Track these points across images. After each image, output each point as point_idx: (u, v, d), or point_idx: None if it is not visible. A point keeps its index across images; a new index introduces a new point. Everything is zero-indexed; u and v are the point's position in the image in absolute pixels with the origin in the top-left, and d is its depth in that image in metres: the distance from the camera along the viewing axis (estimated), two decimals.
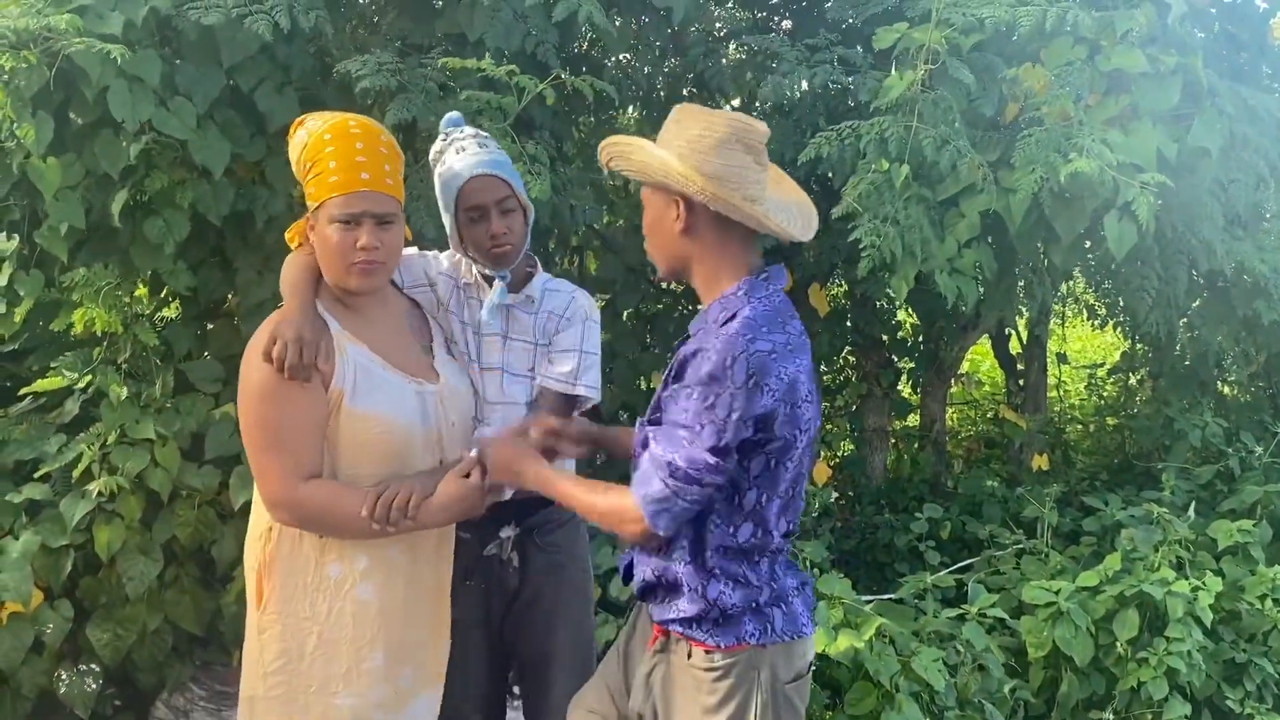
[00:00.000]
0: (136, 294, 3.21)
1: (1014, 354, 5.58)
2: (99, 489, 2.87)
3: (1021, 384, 5.46)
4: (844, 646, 2.89)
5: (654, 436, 1.79)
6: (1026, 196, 3.08)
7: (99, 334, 3.04)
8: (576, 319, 2.22)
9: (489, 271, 2.19)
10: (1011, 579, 3.73)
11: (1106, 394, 6.35)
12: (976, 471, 5.09)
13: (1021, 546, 4.00)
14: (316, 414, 1.99)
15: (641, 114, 4.74)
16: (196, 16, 2.81)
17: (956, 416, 6.44)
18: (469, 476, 2.02)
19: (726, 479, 1.76)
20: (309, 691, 2.03)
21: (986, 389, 6.81)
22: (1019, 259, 3.76)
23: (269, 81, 3.00)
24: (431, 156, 2.22)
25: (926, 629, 3.22)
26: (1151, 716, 3.29)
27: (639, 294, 4.55)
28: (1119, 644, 3.35)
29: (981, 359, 7.08)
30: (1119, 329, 5.67)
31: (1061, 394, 6.54)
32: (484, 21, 3.16)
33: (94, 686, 2.94)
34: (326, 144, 1.98)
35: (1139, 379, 6.01)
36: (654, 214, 1.88)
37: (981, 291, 3.37)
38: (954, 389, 5.92)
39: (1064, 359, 6.20)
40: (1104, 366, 6.41)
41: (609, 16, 3.24)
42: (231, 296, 3.33)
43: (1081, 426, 6.33)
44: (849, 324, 4.88)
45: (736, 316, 1.77)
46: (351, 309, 2.08)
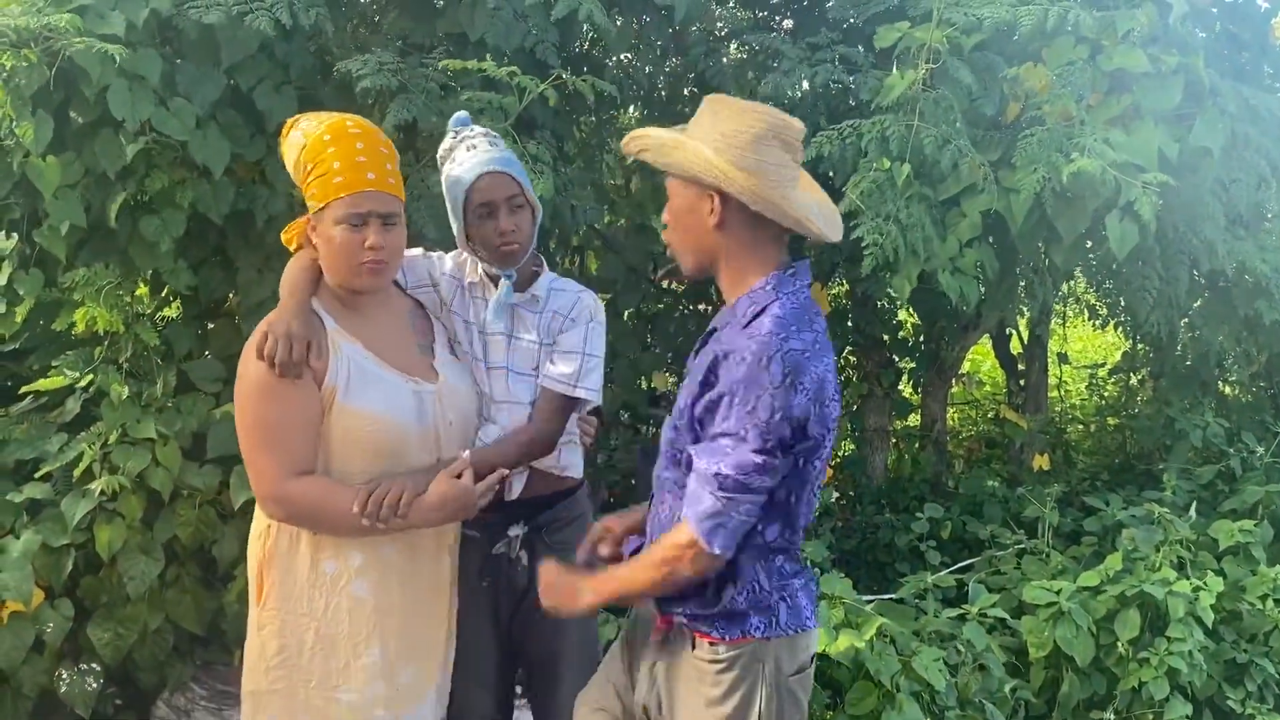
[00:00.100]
0: (137, 293, 3.21)
1: (1015, 354, 5.57)
2: (100, 488, 2.87)
3: (1022, 384, 5.45)
4: (845, 646, 2.88)
5: (696, 453, 1.75)
6: (1028, 196, 3.07)
7: (100, 333, 3.04)
8: (581, 320, 2.21)
9: (495, 270, 2.19)
10: (1012, 579, 3.73)
11: (1107, 394, 6.35)
12: (977, 471, 5.09)
13: (1022, 546, 4.00)
14: (310, 411, 1.99)
15: (643, 113, 4.73)
16: (197, 15, 2.80)
17: (957, 416, 6.43)
18: (460, 477, 2.01)
19: (777, 477, 1.72)
20: (309, 686, 2.05)
21: (987, 389, 6.81)
22: (1020, 259, 3.76)
23: (269, 81, 3.00)
24: (440, 154, 2.21)
25: (927, 629, 3.22)
26: (1152, 716, 3.28)
27: (640, 294, 4.55)
28: (1120, 644, 3.35)
29: (982, 359, 7.08)
30: (1120, 329, 5.67)
31: (1062, 394, 6.53)
32: (485, 21, 3.16)
33: (95, 686, 2.94)
34: (327, 145, 1.97)
35: (1140, 379, 6.00)
36: (682, 206, 1.83)
37: (983, 291, 3.37)
38: (955, 389, 5.93)
39: (1065, 359, 6.19)
40: (1105, 366, 6.40)
41: (610, 16, 3.23)
42: (232, 296, 3.33)
43: (1082, 426, 6.32)
44: (850, 323, 4.88)
45: (766, 312, 1.73)
46: (350, 307, 2.08)
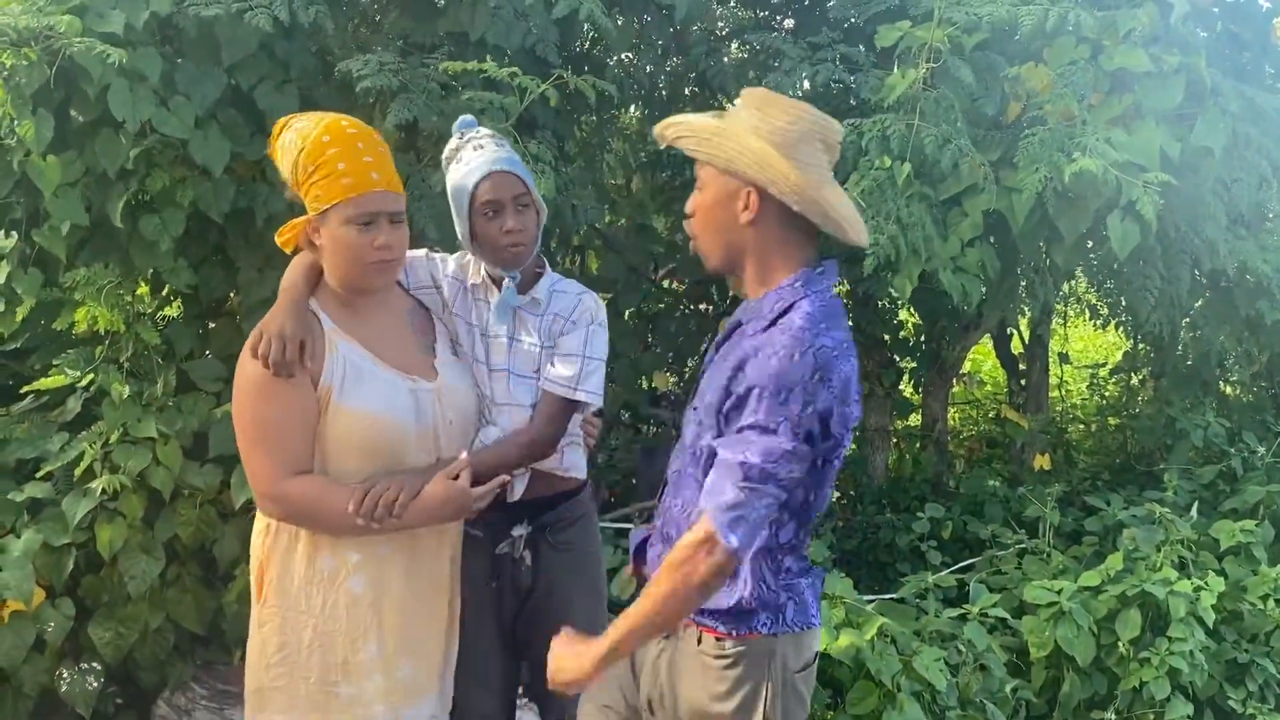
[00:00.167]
0: (138, 292, 3.21)
1: (1016, 354, 5.57)
2: (101, 487, 2.87)
3: (1023, 384, 5.45)
4: (846, 646, 2.88)
5: (721, 446, 1.70)
6: (1030, 196, 3.07)
7: (101, 332, 3.03)
8: (582, 322, 2.19)
9: (499, 272, 2.18)
10: (1013, 579, 3.73)
11: (1108, 394, 6.35)
12: (978, 471, 5.09)
13: (1023, 546, 3.99)
14: (306, 411, 1.99)
15: (643, 113, 4.73)
16: (196, 12, 2.80)
17: (958, 416, 6.43)
18: (458, 478, 2.01)
19: (805, 471, 1.68)
20: (308, 682, 2.06)
21: (988, 389, 6.81)
22: (1021, 258, 3.76)
23: (269, 80, 3.00)
24: (445, 155, 2.21)
25: (928, 628, 3.21)
26: (1153, 716, 3.28)
27: (640, 293, 4.55)
28: (1121, 644, 3.35)
29: (983, 359, 7.08)
30: (1121, 329, 5.66)
31: (1063, 394, 6.53)
32: (485, 20, 3.15)
33: (95, 685, 2.93)
34: (327, 146, 1.96)
35: (1141, 379, 6.00)
36: (713, 199, 1.78)
37: (984, 291, 3.37)
38: (956, 389, 5.92)
39: (1066, 359, 6.20)
40: (1106, 366, 6.40)
41: (610, 15, 3.23)
42: (233, 295, 3.32)
43: (1083, 426, 6.32)
44: (850, 323, 4.86)
45: (794, 309, 1.70)
46: (349, 307, 2.08)
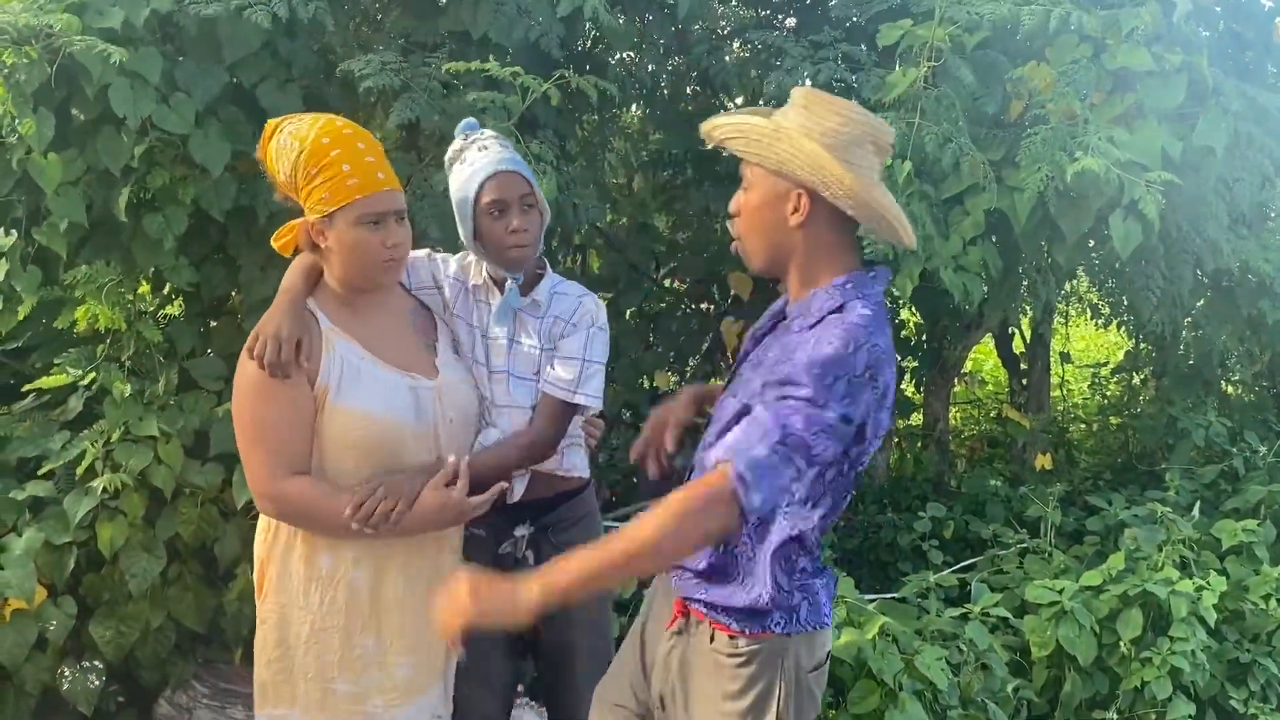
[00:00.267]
0: (139, 291, 3.21)
1: (1017, 353, 5.56)
2: (102, 486, 2.87)
3: (1025, 383, 5.45)
4: (847, 645, 2.88)
5: (762, 405, 1.62)
6: (1032, 195, 3.06)
7: (102, 331, 3.03)
8: (582, 325, 2.19)
9: (502, 271, 2.18)
10: (1015, 578, 3.72)
11: (1110, 393, 6.34)
12: (980, 471, 5.08)
13: (1025, 546, 3.99)
14: (303, 410, 1.99)
15: (645, 112, 4.73)
16: (197, 10, 2.80)
17: (960, 416, 6.43)
18: (452, 484, 2.00)
19: (835, 456, 1.64)
20: (307, 677, 2.07)
21: (990, 388, 6.81)
22: (1023, 257, 3.75)
23: (272, 78, 3.00)
24: (449, 156, 2.21)
25: (930, 628, 3.21)
26: (1155, 716, 3.28)
27: (642, 292, 4.55)
28: (1122, 643, 3.34)
29: (985, 358, 7.08)
30: (1123, 328, 5.66)
31: (1065, 393, 6.53)
32: (487, 18, 3.15)
33: (97, 683, 2.93)
34: (328, 148, 1.96)
35: (1143, 378, 6.00)
36: (760, 200, 1.74)
37: (985, 290, 3.36)
38: (957, 388, 5.91)
39: (1067, 358, 6.18)
40: (1107, 366, 6.39)
41: (613, 13, 3.23)
42: (235, 294, 3.32)
43: (1085, 426, 6.32)
44: None
45: (847, 308, 1.67)
46: (349, 306, 2.08)
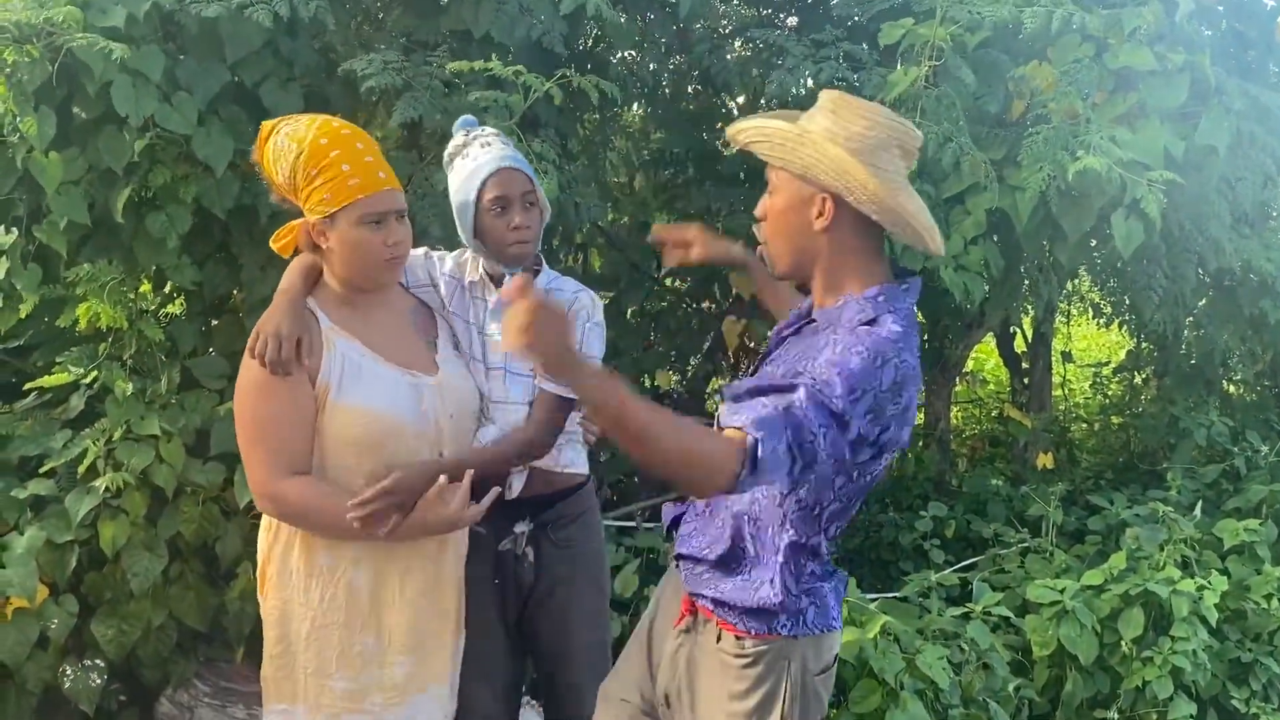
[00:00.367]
0: (141, 290, 3.21)
1: (1019, 352, 5.56)
2: (104, 485, 2.86)
3: (1026, 382, 5.44)
4: (849, 644, 2.88)
5: (809, 405, 1.56)
6: (1034, 194, 3.06)
7: (104, 330, 3.03)
8: (578, 320, 2.20)
9: (501, 268, 2.18)
10: (1016, 577, 3.72)
11: (1111, 392, 6.34)
12: (981, 470, 5.08)
13: (1026, 545, 3.99)
14: (304, 410, 2.00)
15: (646, 111, 4.73)
16: (198, 9, 2.80)
17: (961, 415, 6.43)
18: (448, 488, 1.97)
19: (835, 464, 1.62)
20: (306, 673, 2.08)
21: (991, 387, 6.80)
22: (1025, 257, 3.75)
23: (274, 77, 3.00)
24: (450, 151, 2.21)
25: (931, 627, 3.21)
26: (1156, 715, 3.28)
27: (643, 291, 4.54)
28: (1124, 643, 3.34)
29: (986, 357, 7.07)
30: (1124, 327, 5.65)
31: (1066, 392, 6.53)
32: (489, 17, 3.15)
33: (99, 682, 2.93)
34: (327, 149, 1.96)
35: (1144, 377, 6.00)
36: (785, 204, 1.73)
37: (987, 289, 3.36)
38: (959, 387, 5.91)
39: (1069, 357, 6.18)
40: (1109, 365, 6.39)
41: (615, 11, 3.23)
42: (236, 292, 3.32)
43: (1086, 425, 6.32)
44: None
45: (878, 321, 1.65)
46: (349, 305, 2.08)
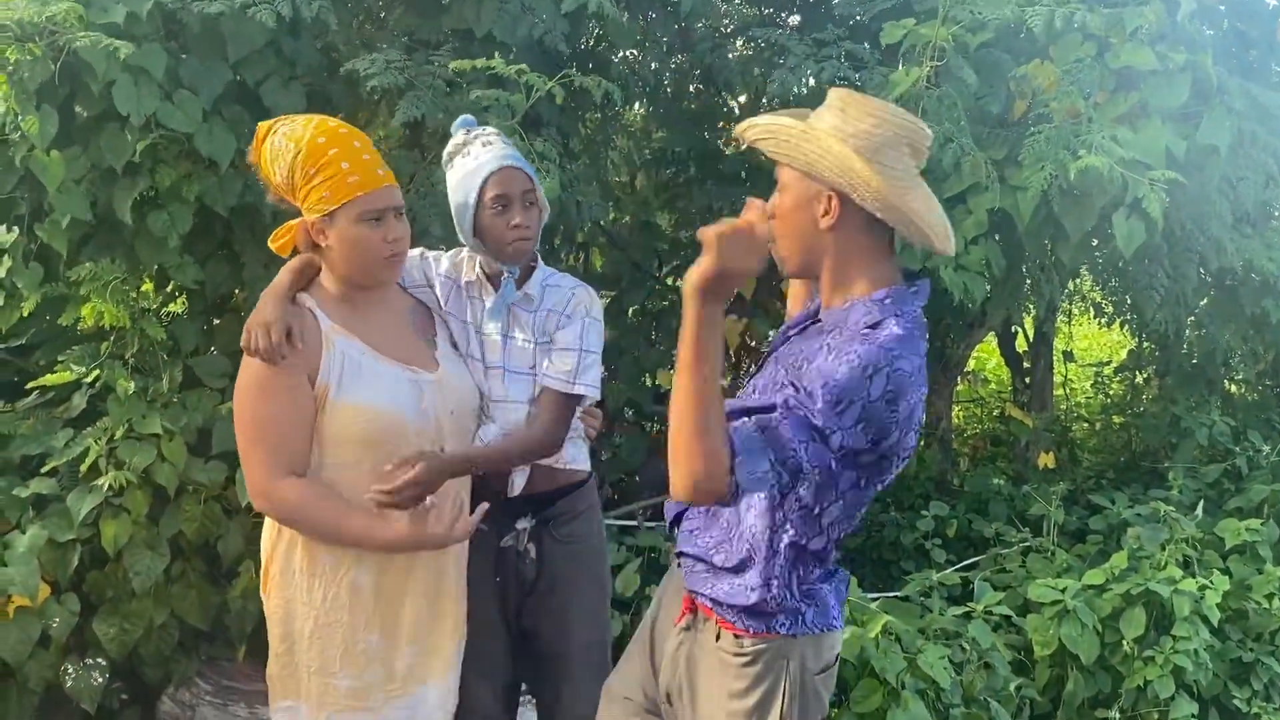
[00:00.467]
0: (143, 289, 3.22)
1: (1020, 352, 5.56)
2: (106, 484, 2.87)
3: (1028, 382, 5.44)
4: (850, 643, 2.88)
5: (786, 422, 1.63)
6: (1035, 193, 3.06)
7: (106, 329, 3.04)
8: (576, 316, 2.21)
9: (500, 265, 2.19)
10: (1017, 577, 3.73)
11: (1113, 392, 6.34)
12: (982, 469, 5.08)
13: (1028, 544, 3.99)
14: (303, 410, 2.00)
15: (648, 110, 4.73)
16: (200, 8, 2.81)
17: (963, 414, 6.42)
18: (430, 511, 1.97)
19: (820, 481, 1.68)
20: (310, 672, 2.08)
21: (992, 387, 6.80)
22: (1026, 256, 3.75)
23: (276, 76, 3.00)
24: (450, 150, 2.21)
25: (932, 627, 3.21)
26: (1158, 715, 3.28)
27: (644, 290, 4.54)
28: (1125, 642, 3.34)
29: (988, 357, 7.07)
30: (1126, 327, 5.66)
31: (1068, 392, 6.52)
32: (491, 16, 3.15)
33: (100, 680, 2.94)
34: (325, 147, 1.97)
35: (1146, 377, 5.99)
36: (793, 202, 1.73)
37: (988, 289, 3.36)
38: (960, 387, 5.91)
39: (1070, 357, 6.18)
40: (1111, 364, 6.39)
41: (617, 10, 3.23)
42: (238, 291, 3.33)
43: (1088, 424, 6.32)
44: None
45: (882, 325, 1.66)
46: (348, 303, 2.09)
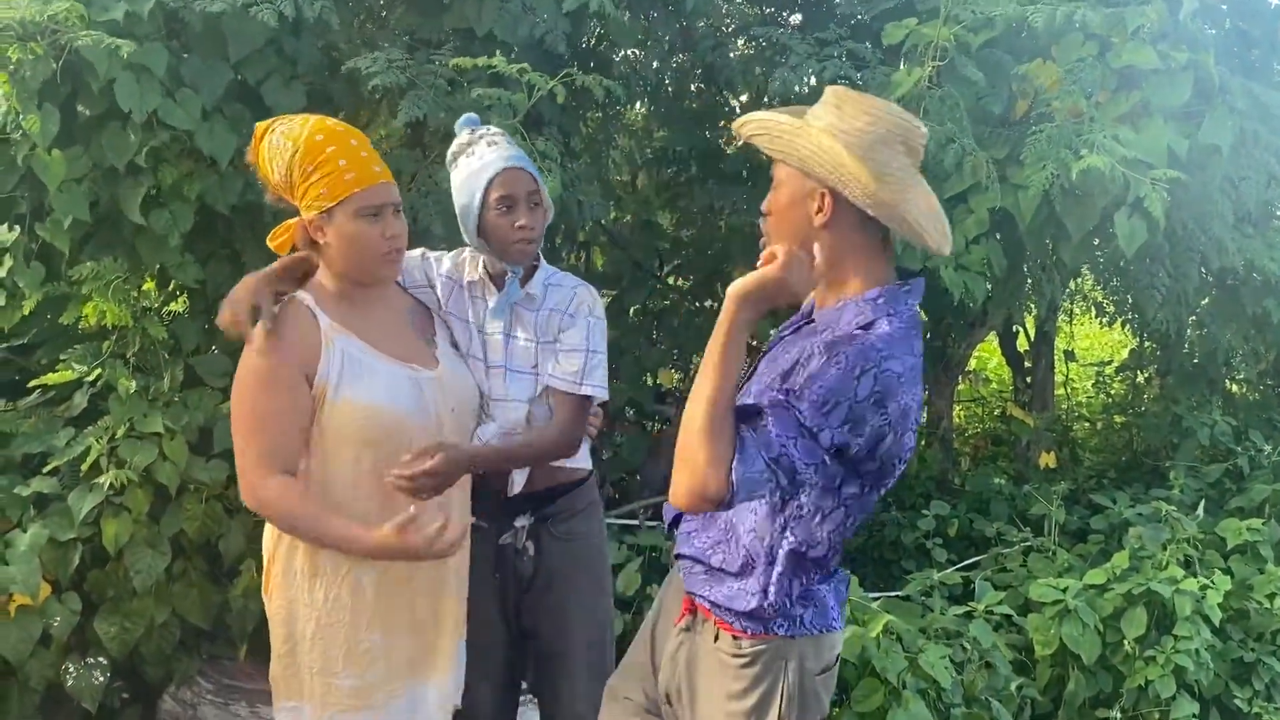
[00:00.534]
0: (145, 288, 3.22)
1: (1021, 351, 5.56)
2: (107, 482, 2.87)
3: (1029, 381, 5.44)
4: (851, 643, 2.88)
5: (771, 420, 1.65)
6: (1037, 193, 3.06)
7: (108, 328, 3.04)
8: (580, 315, 2.21)
9: (503, 265, 2.19)
10: (1019, 576, 3.72)
11: (1114, 391, 6.34)
12: (984, 469, 5.08)
13: (1029, 544, 3.99)
14: (301, 407, 2.00)
15: (649, 109, 4.73)
16: (202, 7, 2.81)
17: (964, 414, 6.42)
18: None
19: (823, 485, 1.69)
20: (312, 673, 2.08)
21: (994, 386, 6.81)
22: (1028, 255, 3.75)
23: (277, 75, 3.00)
24: (454, 149, 2.21)
25: (934, 626, 3.21)
26: (1159, 715, 3.27)
27: (645, 290, 4.54)
28: (1126, 642, 3.34)
29: (989, 356, 7.07)
30: (1127, 326, 5.65)
31: (1069, 391, 6.52)
32: (492, 15, 3.15)
33: (101, 679, 2.94)
34: (323, 145, 1.97)
35: (1147, 376, 5.99)
36: (787, 198, 1.74)
37: (990, 288, 3.36)
38: (961, 386, 5.91)
39: (1071, 356, 6.18)
40: (1112, 364, 6.39)
41: (618, 10, 3.23)
42: None
43: (1089, 424, 6.31)
44: None
45: (874, 326, 1.66)
46: (348, 301, 2.09)
